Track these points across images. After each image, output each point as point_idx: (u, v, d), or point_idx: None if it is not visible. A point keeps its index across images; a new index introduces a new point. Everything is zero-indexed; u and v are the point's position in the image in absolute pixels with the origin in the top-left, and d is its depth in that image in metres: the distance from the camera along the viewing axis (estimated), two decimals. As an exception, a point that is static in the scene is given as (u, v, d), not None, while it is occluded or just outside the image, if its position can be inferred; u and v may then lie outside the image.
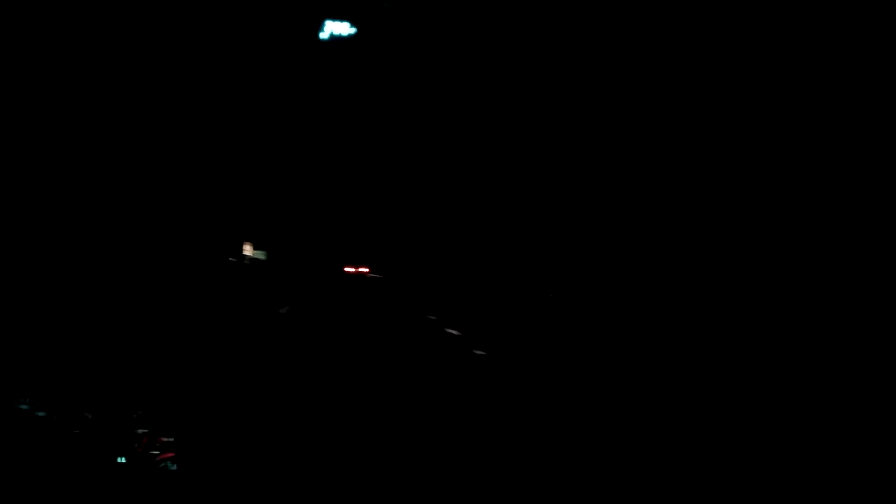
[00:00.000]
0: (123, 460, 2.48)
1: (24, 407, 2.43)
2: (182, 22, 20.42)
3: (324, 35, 22.55)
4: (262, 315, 14.73)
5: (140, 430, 2.64)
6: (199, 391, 5.12)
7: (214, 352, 7.78)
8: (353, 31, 22.28)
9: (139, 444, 2.63)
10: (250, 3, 23.02)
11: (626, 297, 15.96)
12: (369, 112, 40.35)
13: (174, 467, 2.64)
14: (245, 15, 24.07)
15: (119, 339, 8.49)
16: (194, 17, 21.03)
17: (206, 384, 5.48)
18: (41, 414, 2.41)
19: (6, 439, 2.29)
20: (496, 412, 4.71)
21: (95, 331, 9.38)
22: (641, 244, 18.92)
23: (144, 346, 7.89)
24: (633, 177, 19.85)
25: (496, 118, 31.99)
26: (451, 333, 11.79)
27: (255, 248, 44.22)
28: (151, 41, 19.25)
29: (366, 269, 55.11)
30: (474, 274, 36.92)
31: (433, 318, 16.06)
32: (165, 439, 2.67)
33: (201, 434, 3.96)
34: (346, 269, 54.84)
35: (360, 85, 35.76)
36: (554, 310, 18.77)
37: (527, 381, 6.23)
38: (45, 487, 2.26)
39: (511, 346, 9.73)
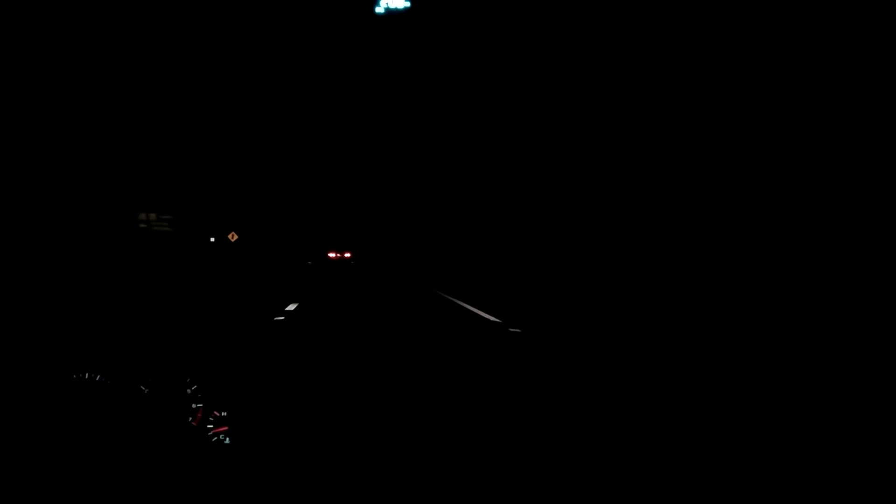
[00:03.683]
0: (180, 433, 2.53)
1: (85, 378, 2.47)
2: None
3: (379, 9, 22.13)
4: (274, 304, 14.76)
5: (195, 405, 2.68)
6: (247, 368, 5.17)
7: (257, 330, 7.85)
8: (407, 4, 21.76)
9: (194, 418, 2.67)
10: None
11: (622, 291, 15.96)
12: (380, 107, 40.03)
13: (227, 441, 2.69)
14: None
15: (172, 316, 8.57)
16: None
17: (254, 361, 5.54)
18: (107, 382, 2.45)
19: (71, 409, 2.33)
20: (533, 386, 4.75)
21: (149, 309, 9.46)
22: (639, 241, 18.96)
23: (196, 324, 7.96)
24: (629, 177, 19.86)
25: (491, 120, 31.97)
26: (468, 308, 11.86)
27: (158, 216, 36.50)
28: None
29: (349, 255, 54.78)
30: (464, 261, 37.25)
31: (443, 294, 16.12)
32: (219, 414, 2.71)
33: (252, 410, 4.02)
34: (330, 254, 54.43)
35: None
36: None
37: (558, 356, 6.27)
38: (107, 457, 2.30)
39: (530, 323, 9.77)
